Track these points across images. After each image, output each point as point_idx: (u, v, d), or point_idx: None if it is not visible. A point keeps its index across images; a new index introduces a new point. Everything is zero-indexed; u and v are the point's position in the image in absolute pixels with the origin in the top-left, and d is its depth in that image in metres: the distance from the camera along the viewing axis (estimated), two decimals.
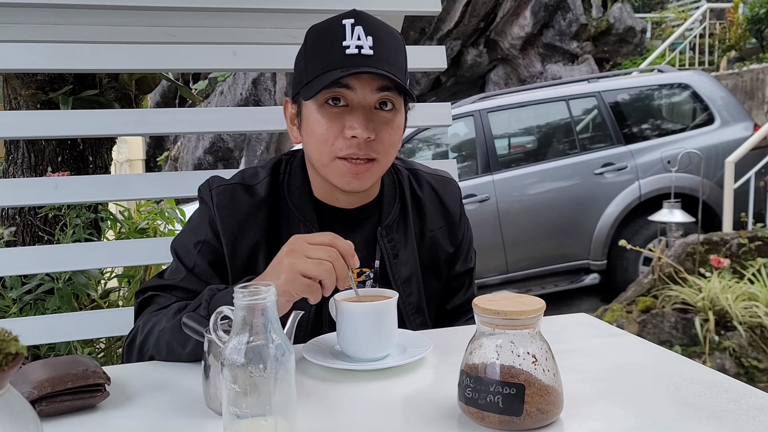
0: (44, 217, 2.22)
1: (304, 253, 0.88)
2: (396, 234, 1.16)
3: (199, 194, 1.16)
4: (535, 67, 9.84)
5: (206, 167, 9.54)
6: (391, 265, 1.15)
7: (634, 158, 4.92)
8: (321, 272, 0.87)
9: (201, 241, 1.10)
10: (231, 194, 1.12)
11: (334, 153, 1.03)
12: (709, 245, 3.53)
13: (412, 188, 1.22)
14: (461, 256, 1.27)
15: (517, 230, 4.84)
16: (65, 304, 1.92)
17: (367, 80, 1.01)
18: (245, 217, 1.10)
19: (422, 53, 1.74)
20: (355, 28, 1.00)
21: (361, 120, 1.01)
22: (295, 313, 0.85)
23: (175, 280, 1.09)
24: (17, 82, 2.12)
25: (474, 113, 5.04)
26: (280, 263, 0.90)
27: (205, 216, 1.13)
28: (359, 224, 1.16)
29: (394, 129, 1.06)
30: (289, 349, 0.69)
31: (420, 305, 1.18)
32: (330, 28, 1.03)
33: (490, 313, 0.71)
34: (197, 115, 1.68)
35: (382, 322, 0.93)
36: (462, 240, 1.27)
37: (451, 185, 1.27)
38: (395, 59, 1.03)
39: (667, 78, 5.35)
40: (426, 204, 1.22)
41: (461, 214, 1.27)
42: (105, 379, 0.83)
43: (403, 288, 1.15)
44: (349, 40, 0.99)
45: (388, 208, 1.17)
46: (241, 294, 0.66)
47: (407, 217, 1.19)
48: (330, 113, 1.03)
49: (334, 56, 1.00)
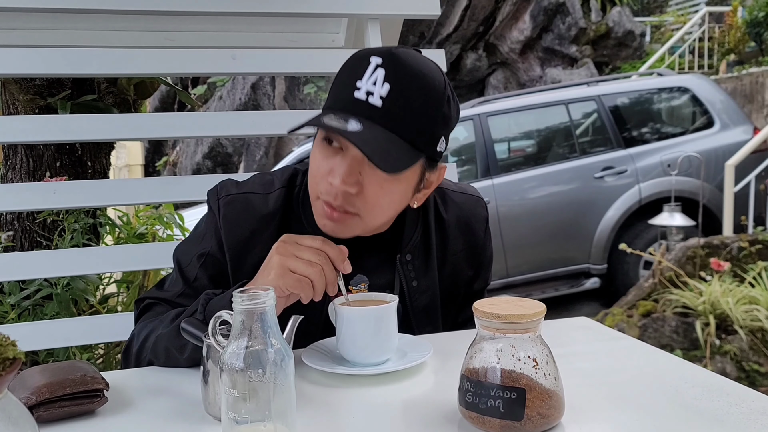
0: (42, 222, 2.22)
1: (294, 252, 0.88)
2: (417, 260, 1.09)
3: (208, 199, 1.10)
4: (534, 71, 9.86)
5: (205, 172, 9.54)
6: (410, 294, 1.08)
7: (634, 162, 4.93)
8: (311, 272, 0.87)
9: (205, 254, 1.05)
10: (240, 206, 1.05)
11: (316, 193, 0.97)
12: (709, 249, 3.53)
13: (437, 210, 1.13)
14: (481, 276, 1.21)
15: (518, 234, 4.84)
16: (64, 309, 1.91)
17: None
18: (251, 233, 1.04)
19: None
20: (377, 70, 0.89)
21: (345, 171, 0.91)
22: (294, 317, 0.84)
23: (173, 294, 1.06)
24: (15, 87, 2.12)
25: (474, 117, 5.05)
26: (270, 261, 0.90)
27: (211, 225, 1.07)
28: (375, 248, 1.06)
29: (386, 191, 0.94)
30: (288, 354, 0.68)
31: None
32: (359, 58, 0.93)
33: (491, 317, 0.71)
34: (196, 120, 1.67)
35: (382, 327, 0.92)
36: (483, 261, 1.20)
37: (478, 206, 1.19)
38: (410, 117, 0.91)
39: (667, 81, 5.36)
40: (450, 226, 1.13)
41: (485, 239, 1.19)
42: (103, 384, 0.82)
43: (419, 318, 1.09)
44: (364, 82, 0.89)
45: (410, 231, 1.08)
46: (240, 298, 0.66)
47: (430, 240, 1.10)
48: (324, 152, 0.95)
49: (343, 94, 0.92)
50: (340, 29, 2.04)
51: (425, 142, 0.94)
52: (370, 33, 1.70)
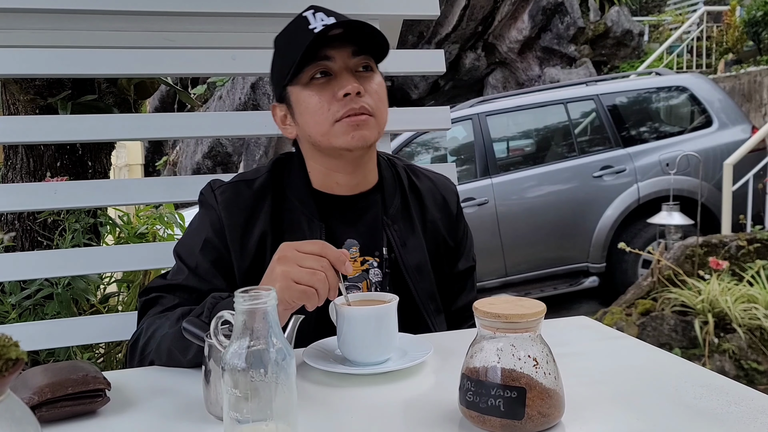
0: (43, 222, 2.22)
1: (296, 262, 0.88)
2: (401, 222, 1.18)
3: (201, 198, 1.17)
4: (533, 71, 9.85)
5: (205, 172, 9.54)
6: (401, 254, 1.16)
7: (633, 161, 4.93)
8: (314, 281, 0.87)
9: (203, 241, 1.11)
10: (234, 191, 1.15)
11: (332, 117, 1.07)
12: (707, 247, 3.53)
13: (410, 180, 1.25)
14: (463, 253, 1.29)
15: (516, 233, 4.84)
16: (64, 309, 1.91)
17: (342, 47, 1.06)
18: (251, 209, 1.13)
19: (421, 57, 1.74)
20: (316, 15, 1.05)
21: (349, 78, 1.06)
22: (295, 317, 0.85)
23: (178, 280, 1.10)
24: (15, 87, 2.12)
25: (473, 117, 5.05)
26: (272, 272, 0.90)
27: (205, 218, 1.14)
28: (360, 212, 1.17)
29: (379, 86, 1.11)
30: (289, 354, 0.69)
31: (432, 291, 1.19)
32: (294, 24, 1.10)
33: (491, 317, 0.71)
34: (196, 120, 1.68)
35: (383, 326, 0.93)
36: (463, 238, 1.29)
37: (448, 182, 1.31)
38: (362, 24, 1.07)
39: (665, 81, 5.36)
40: (425, 195, 1.24)
41: (459, 212, 1.29)
42: (105, 384, 0.82)
43: (414, 275, 1.16)
44: (314, 23, 1.04)
45: (390, 198, 1.19)
46: (241, 298, 0.66)
47: (409, 207, 1.21)
48: (318, 85, 1.08)
49: (303, 38, 1.04)
50: None
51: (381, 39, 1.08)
52: None
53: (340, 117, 1.06)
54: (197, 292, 1.08)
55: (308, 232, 1.12)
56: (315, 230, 1.12)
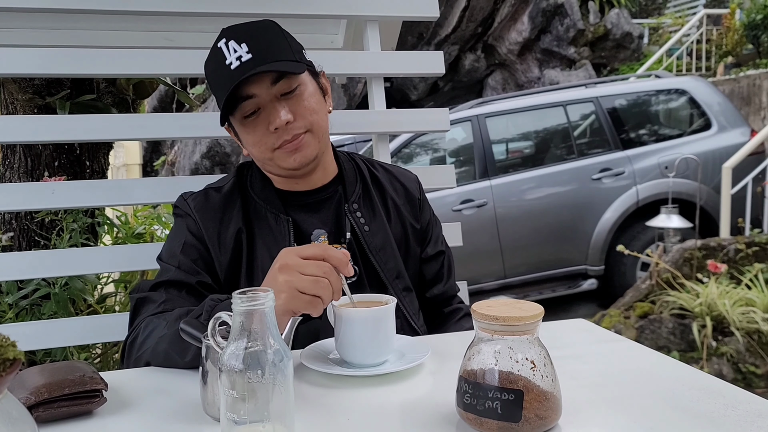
0: (41, 222, 2.22)
1: (298, 270, 0.88)
2: (363, 209, 1.25)
3: (175, 210, 1.25)
4: (532, 72, 9.86)
5: (203, 172, 9.53)
6: (365, 237, 1.21)
7: (632, 163, 4.93)
8: (318, 289, 0.87)
9: (181, 243, 1.17)
10: (204, 197, 1.22)
11: (270, 147, 1.13)
12: (706, 251, 3.54)
13: (371, 171, 1.32)
14: (430, 238, 1.34)
15: (515, 235, 4.84)
16: (61, 309, 1.91)
17: (260, 81, 1.09)
18: (223, 210, 1.20)
19: (420, 59, 1.74)
20: (229, 44, 1.09)
21: (275, 113, 1.10)
22: (293, 319, 0.85)
23: (166, 277, 1.14)
24: (14, 86, 2.12)
25: (472, 118, 5.05)
26: (275, 281, 0.89)
27: (182, 225, 1.20)
28: (323, 203, 1.24)
29: (306, 97, 1.14)
30: (287, 355, 0.68)
31: (399, 270, 1.24)
32: (214, 56, 1.12)
33: (489, 319, 0.71)
34: (195, 121, 1.67)
35: (380, 328, 0.93)
36: (428, 222, 1.34)
37: (407, 172, 1.38)
38: (276, 46, 1.11)
39: (665, 83, 5.36)
40: (384, 183, 1.31)
41: (422, 198, 1.35)
42: (102, 384, 0.82)
43: (380, 255, 1.22)
44: (229, 57, 1.08)
45: (351, 186, 1.26)
46: (239, 299, 0.66)
47: (370, 192, 1.27)
48: (250, 123, 1.13)
49: (224, 78, 1.09)
50: (339, 30, 2.04)
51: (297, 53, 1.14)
52: (369, 34, 1.71)
53: (277, 146, 1.13)
54: (186, 286, 1.13)
55: (276, 226, 1.18)
56: (282, 224, 1.18)
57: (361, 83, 8.82)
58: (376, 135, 1.71)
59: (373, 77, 1.70)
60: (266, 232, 1.18)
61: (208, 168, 9.66)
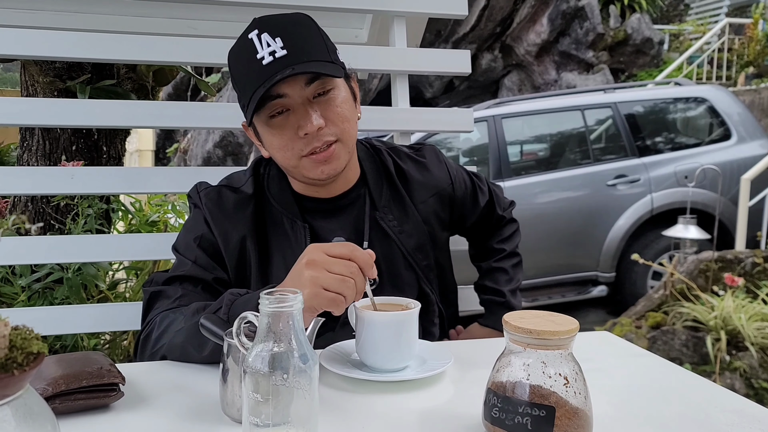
0: (56, 206, 2.21)
1: (325, 267, 0.85)
2: (395, 211, 1.21)
3: (190, 199, 1.22)
4: (549, 75, 9.79)
5: (215, 161, 9.54)
6: (401, 240, 1.19)
7: (648, 171, 4.88)
8: (344, 288, 0.85)
9: (199, 236, 1.14)
10: (217, 194, 1.18)
11: (297, 154, 1.07)
12: (722, 263, 3.49)
13: (396, 162, 1.26)
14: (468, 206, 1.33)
15: (527, 238, 4.73)
16: (73, 294, 1.90)
17: (294, 81, 1.03)
18: (232, 212, 1.16)
19: (447, 57, 1.71)
20: (262, 37, 1.02)
21: (306, 116, 1.04)
22: (315, 320, 0.83)
23: (182, 271, 1.12)
24: (35, 68, 2.11)
25: (488, 119, 5.01)
26: (300, 275, 0.86)
27: (198, 216, 1.18)
28: (343, 210, 1.19)
29: (340, 104, 1.08)
30: (313, 359, 0.66)
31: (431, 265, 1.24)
32: (243, 47, 1.05)
33: (522, 332, 0.69)
34: (212, 110, 1.65)
35: (403, 333, 0.90)
36: (464, 194, 1.32)
37: (431, 152, 1.31)
38: (311, 44, 1.05)
39: (685, 91, 5.30)
40: (411, 175, 1.25)
41: (449, 173, 1.30)
42: (120, 378, 0.81)
43: (416, 255, 1.21)
44: (261, 51, 1.01)
45: (378, 190, 1.21)
46: (267, 300, 0.64)
47: (399, 191, 1.23)
48: (278, 124, 1.07)
49: (254, 73, 1.02)
50: (363, 25, 2.02)
51: (332, 54, 1.07)
52: (395, 30, 1.68)
53: (306, 153, 1.07)
54: (202, 282, 1.11)
55: (292, 232, 1.15)
56: (298, 230, 1.15)
57: (376, 79, 8.78)
58: (399, 132, 1.69)
59: (398, 74, 1.67)
60: (281, 238, 1.15)
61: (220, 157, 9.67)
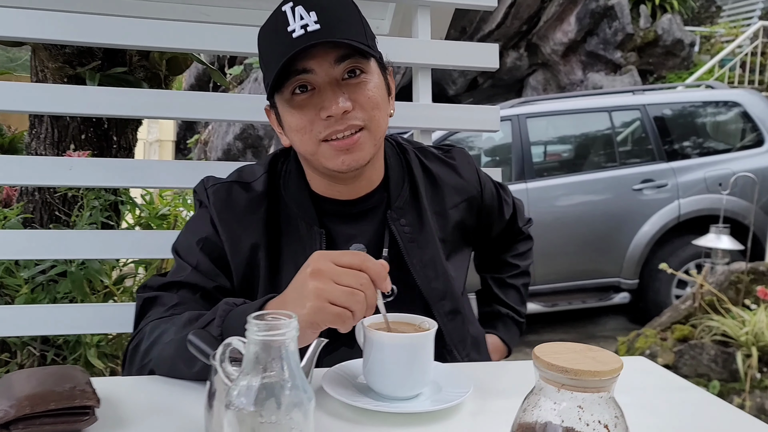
0: (63, 197, 2.14)
1: (332, 278, 0.75)
2: (409, 216, 1.08)
3: (195, 195, 1.11)
4: (575, 75, 9.60)
5: (235, 153, 9.51)
6: (408, 250, 1.06)
7: (676, 176, 4.72)
8: (353, 303, 0.75)
9: (203, 239, 1.04)
10: (227, 192, 1.07)
11: (316, 137, 0.97)
12: (754, 275, 3.33)
13: (422, 163, 1.15)
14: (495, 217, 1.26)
15: (548, 242, 4.67)
16: (76, 289, 1.83)
17: (323, 56, 0.93)
18: (243, 215, 1.05)
19: (473, 51, 1.61)
20: (295, 10, 0.92)
21: (331, 96, 0.93)
22: (317, 341, 0.73)
23: (180, 277, 1.02)
24: (45, 53, 2.04)
25: (512, 118, 4.87)
26: (304, 287, 0.77)
27: (203, 215, 1.07)
28: (365, 215, 1.08)
29: (371, 87, 0.97)
30: (308, 395, 0.57)
31: (446, 290, 1.09)
32: (274, 20, 0.96)
33: (557, 370, 0.58)
34: (229, 102, 1.57)
35: (417, 357, 0.80)
36: (492, 204, 1.24)
37: (462, 156, 1.21)
38: (348, 23, 0.95)
39: (717, 95, 5.13)
40: (441, 178, 1.15)
41: (479, 179, 1.20)
42: (94, 400, 0.71)
43: (424, 273, 1.07)
44: (293, 24, 0.91)
45: (397, 189, 1.09)
46: (255, 326, 0.54)
47: (419, 197, 1.10)
48: (299, 102, 0.96)
49: (282, 46, 0.92)
50: (386, 16, 1.92)
51: (368, 38, 0.97)
52: (419, 21, 1.58)
53: (325, 137, 0.96)
54: (201, 290, 1.01)
55: (307, 237, 1.04)
56: (314, 237, 1.03)
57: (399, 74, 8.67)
58: (419, 130, 1.59)
59: (420, 67, 1.57)
60: (295, 242, 1.04)
61: (240, 150, 9.63)
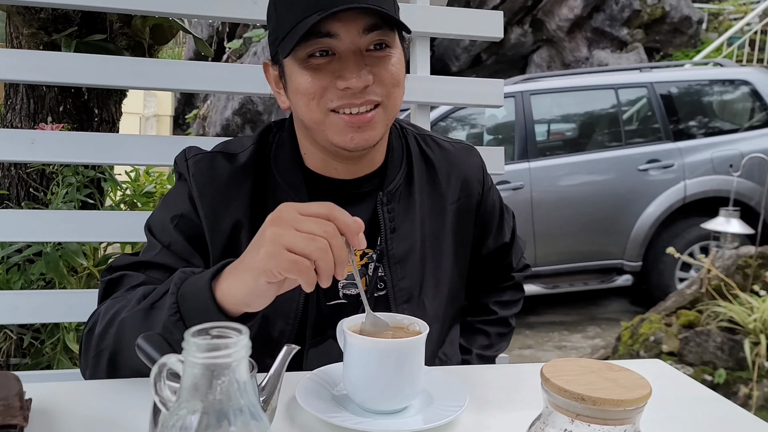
0: (41, 172, 2.03)
1: (293, 225, 0.67)
2: (397, 204, 0.99)
3: (175, 167, 1.01)
4: (580, 52, 9.40)
5: (234, 129, 9.37)
6: (388, 241, 0.97)
7: (682, 156, 4.60)
8: (313, 249, 0.65)
9: (178, 215, 0.95)
10: (209, 163, 0.97)
11: (326, 106, 0.87)
12: (762, 259, 3.23)
13: (422, 150, 1.06)
14: (491, 231, 1.12)
15: (550, 223, 4.57)
16: (51, 271, 1.72)
17: (352, 22, 0.84)
18: (226, 188, 0.95)
19: (475, 18, 1.48)
20: None
21: (353, 67, 0.84)
22: (288, 347, 0.63)
23: (149, 257, 0.93)
24: (19, 19, 1.91)
25: (516, 95, 4.73)
26: (261, 235, 0.69)
27: (181, 189, 0.97)
28: (361, 197, 0.99)
29: (395, 65, 0.89)
30: (261, 425, 0.46)
31: (412, 294, 0.98)
32: None
33: (571, 397, 0.47)
34: (216, 72, 1.44)
35: (406, 366, 0.69)
36: (491, 214, 1.11)
37: (471, 153, 1.11)
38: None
39: (726, 73, 4.98)
40: (440, 169, 1.05)
41: (485, 184, 1.10)
42: (20, 417, 0.61)
43: (395, 270, 0.97)
44: None
45: (393, 172, 1.00)
46: (194, 346, 0.42)
47: (412, 185, 1.02)
48: (315, 66, 0.87)
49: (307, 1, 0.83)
50: None
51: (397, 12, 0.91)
52: None
53: (336, 107, 0.87)
54: (171, 270, 0.89)
55: None
56: None
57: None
58: (416, 105, 1.47)
59: (418, 36, 1.44)
60: None
61: (239, 125, 9.48)
